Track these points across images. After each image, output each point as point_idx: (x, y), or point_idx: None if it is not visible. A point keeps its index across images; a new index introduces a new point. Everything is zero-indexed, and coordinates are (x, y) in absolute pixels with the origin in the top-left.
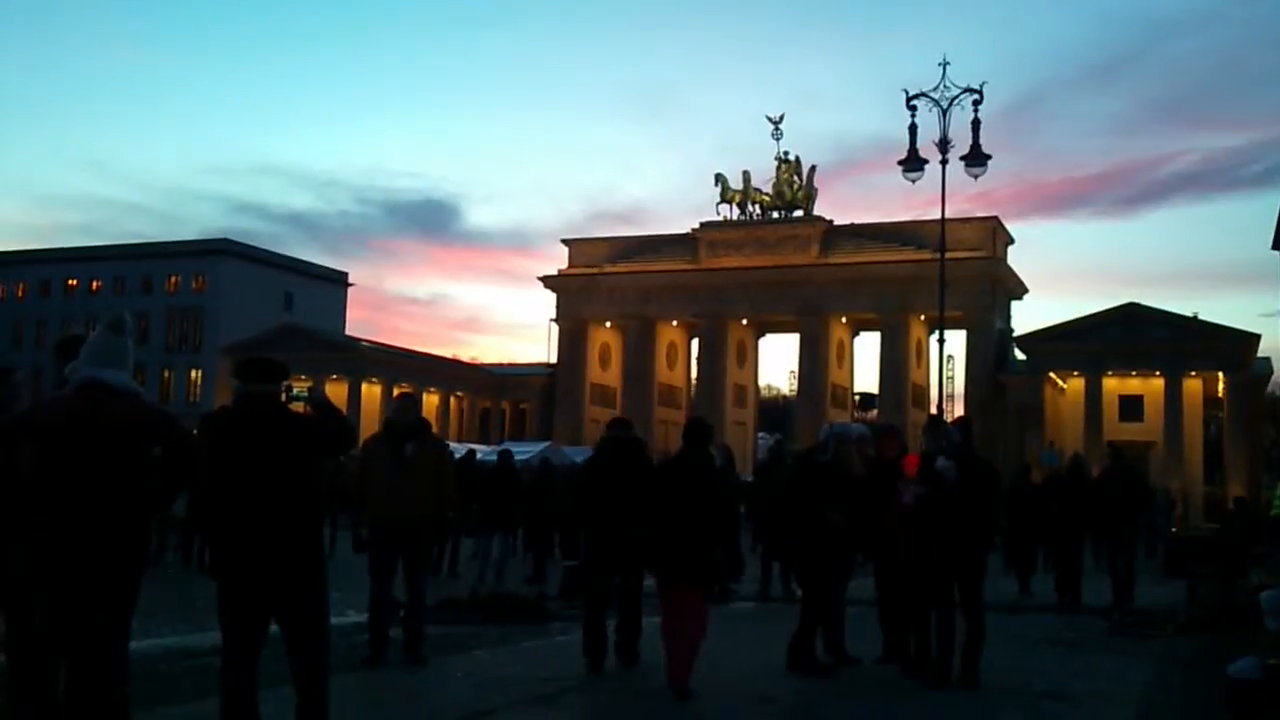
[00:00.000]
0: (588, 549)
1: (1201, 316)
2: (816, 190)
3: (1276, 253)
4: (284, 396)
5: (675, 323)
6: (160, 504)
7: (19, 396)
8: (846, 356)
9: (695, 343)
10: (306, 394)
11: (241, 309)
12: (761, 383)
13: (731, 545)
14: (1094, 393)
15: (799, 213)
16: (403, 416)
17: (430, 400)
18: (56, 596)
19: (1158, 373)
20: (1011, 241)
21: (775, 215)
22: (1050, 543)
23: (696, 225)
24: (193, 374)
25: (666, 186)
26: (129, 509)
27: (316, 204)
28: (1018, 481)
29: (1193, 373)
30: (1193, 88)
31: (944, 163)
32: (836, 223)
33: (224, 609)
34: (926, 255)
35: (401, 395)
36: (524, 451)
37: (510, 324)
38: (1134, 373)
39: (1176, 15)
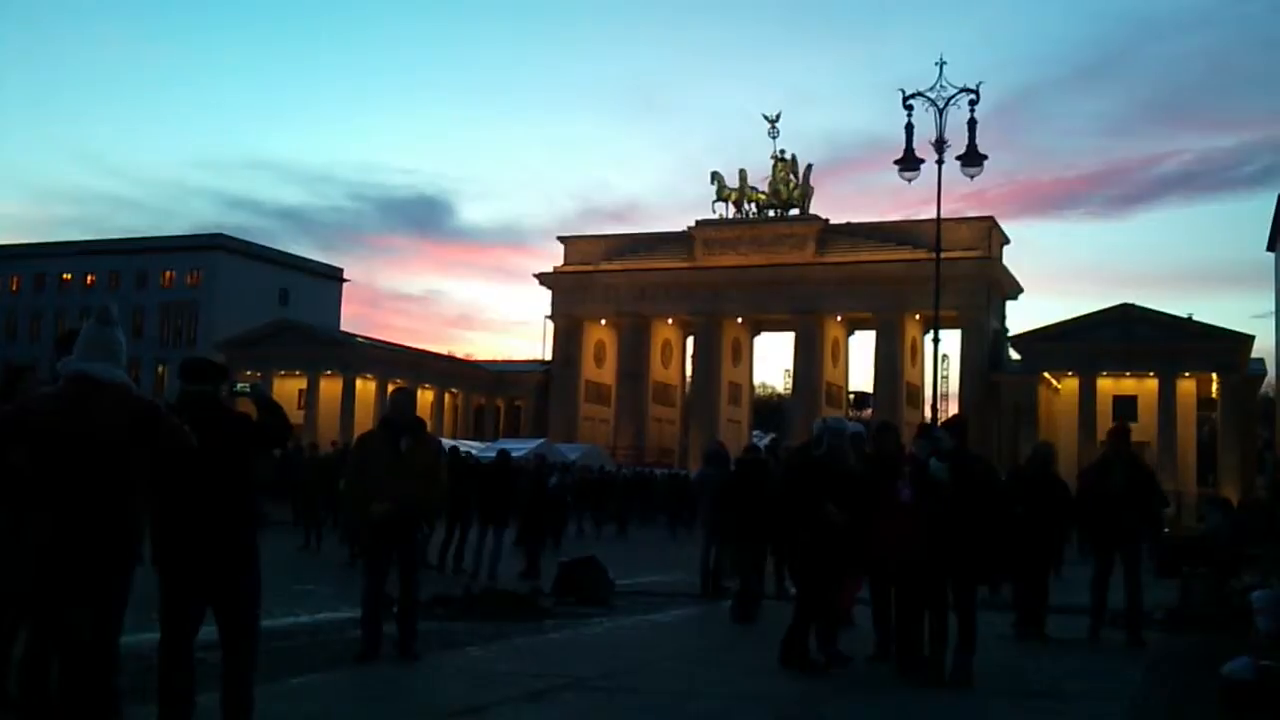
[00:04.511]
0: (737, 543)
1: (1196, 317)
2: (812, 189)
3: (1270, 254)
4: (226, 392)
5: (670, 320)
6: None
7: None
8: (841, 355)
9: (690, 341)
10: (249, 388)
11: (236, 304)
12: (756, 381)
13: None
14: (1088, 393)
15: (795, 211)
16: (399, 412)
17: (425, 397)
18: (49, 590)
19: (1152, 373)
20: (1007, 241)
21: (771, 214)
22: (1017, 554)
23: (692, 223)
24: None
25: (661, 184)
26: (118, 502)
27: (310, 200)
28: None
29: (1186, 373)
30: (1185, 88)
31: (940, 162)
32: (831, 221)
33: (163, 600)
34: (922, 254)
35: (398, 390)
36: (519, 449)
37: (504, 321)
38: (1128, 373)
39: (1168, 15)
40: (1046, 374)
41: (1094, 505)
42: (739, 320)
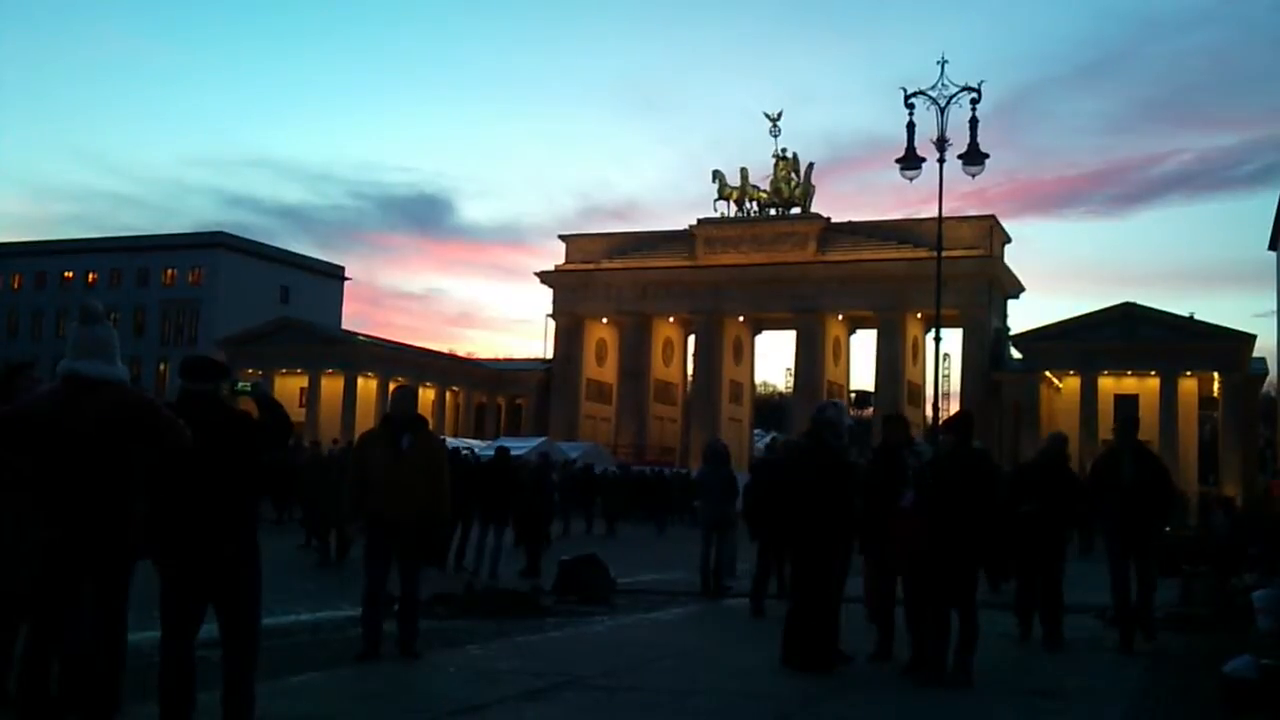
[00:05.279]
0: (763, 538)
1: (1197, 316)
2: (814, 188)
3: (1272, 253)
4: (227, 390)
5: (672, 319)
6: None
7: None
8: (843, 354)
9: (691, 339)
10: (250, 387)
11: (238, 302)
12: (757, 379)
13: None
14: (1089, 392)
15: (796, 210)
16: (400, 410)
17: (426, 395)
18: (50, 589)
19: (1153, 372)
20: (1008, 240)
21: (772, 212)
22: (1021, 552)
23: (693, 221)
24: None
25: (662, 182)
26: (118, 500)
27: (310, 198)
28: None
29: (1188, 372)
30: (1186, 87)
31: (941, 161)
32: (832, 220)
33: (164, 599)
34: (923, 253)
35: (399, 388)
36: (520, 447)
37: (505, 319)
38: (1129, 372)
39: (1170, 14)
40: (1048, 373)
41: (1102, 500)
42: (740, 319)
